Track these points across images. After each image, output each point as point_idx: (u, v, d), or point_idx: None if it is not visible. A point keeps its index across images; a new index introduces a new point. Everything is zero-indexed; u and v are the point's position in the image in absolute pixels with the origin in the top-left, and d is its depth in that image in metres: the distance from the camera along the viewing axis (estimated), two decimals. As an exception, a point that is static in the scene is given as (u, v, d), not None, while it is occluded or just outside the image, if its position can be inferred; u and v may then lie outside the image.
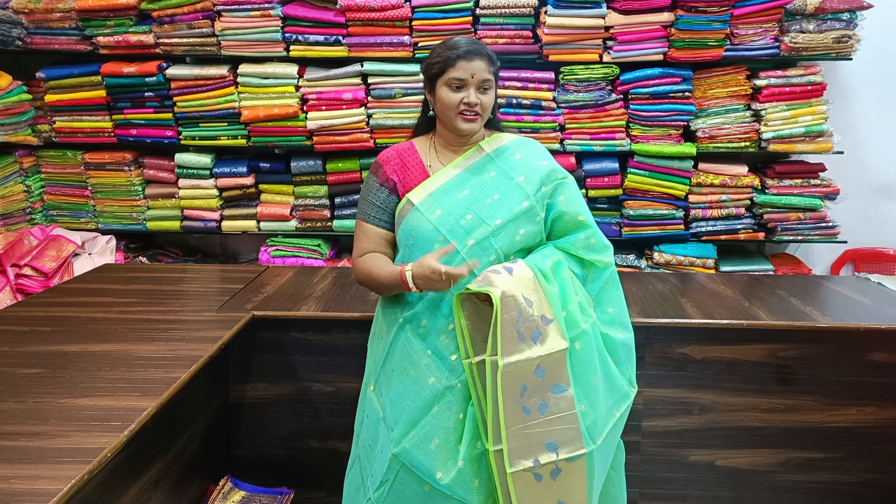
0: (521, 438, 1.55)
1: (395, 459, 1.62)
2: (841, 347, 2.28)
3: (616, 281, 1.75)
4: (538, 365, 1.54)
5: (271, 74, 3.40)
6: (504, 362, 1.52)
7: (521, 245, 1.65)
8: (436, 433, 1.60)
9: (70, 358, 1.84)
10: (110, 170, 3.60)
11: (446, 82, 1.63)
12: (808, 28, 3.25)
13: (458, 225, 1.63)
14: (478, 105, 1.63)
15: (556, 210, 1.68)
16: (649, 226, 3.50)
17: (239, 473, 2.44)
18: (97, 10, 3.37)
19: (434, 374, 1.62)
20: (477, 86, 1.62)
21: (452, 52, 1.61)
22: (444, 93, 1.63)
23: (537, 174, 1.68)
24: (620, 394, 1.69)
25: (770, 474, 2.37)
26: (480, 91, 1.63)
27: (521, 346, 1.53)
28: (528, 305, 1.54)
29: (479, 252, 1.62)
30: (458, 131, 1.67)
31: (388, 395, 1.69)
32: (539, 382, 1.55)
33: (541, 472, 1.56)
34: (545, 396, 1.55)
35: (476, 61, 1.61)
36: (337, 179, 3.54)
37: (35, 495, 1.23)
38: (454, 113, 1.63)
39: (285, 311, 2.27)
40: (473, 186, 1.67)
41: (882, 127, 3.73)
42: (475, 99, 1.62)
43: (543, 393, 1.55)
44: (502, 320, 1.52)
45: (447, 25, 3.33)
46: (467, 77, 1.61)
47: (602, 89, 3.38)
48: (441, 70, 1.63)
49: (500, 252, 1.63)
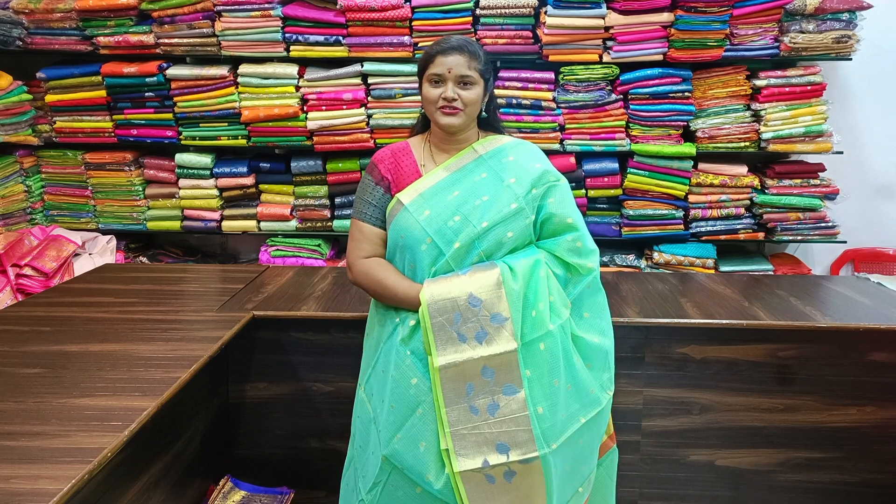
0: (469, 438, 1.55)
1: (387, 461, 1.62)
2: (841, 347, 2.28)
3: (598, 286, 1.72)
4: (484, 365, 1.55)
5: (271, 74, 3.40)
6: (440, 363, 1.55)
7: (510, 247, 1.64)
8: (422, 436, 1.59)
9: (70, 358, 1.84)
10: (111, 170, 3.60)
11: (427, 78, 1.66)
12: (807, 28, 3.25)
13: (446, 226, 1.62)
14: (456, 100, 1.63)
15: (546, 211, 1.66)
16: (649, 226, 3.50)
17: (239, 473, 2.44)
18: (97, 10, 3.37)
19: (416, 376, 1.61)
20: (455, 81, 1.63)
21: (433, 49, 1.65)
22: (425, 89, 1.67)
23: (528, 176, 1.67)
24: (588, 399, 1.64)
25: (770, 474, 2.37)
26: (460, 86, 1.63)
27: (461, 347, 1.55)
28: (474, 305, 1.55)
29: (464, 254, 1.61)
30: (440, 126, 1.68)
31: (378, 395, 1.69)
32: (487, 383, 1.56)
33: (492, 473, 1.55)
34: (495, 397, 1.55)
35: (453, 56, 1.62)
36: (337, 179, 3.55)
37: (35, 495, 1.23)
38: (434, 108, 1.66)
39: (285, 311, 2.27)
40: (464, 188, 1.66)
41: (882, 127, 3.73)
42: (452, 94, 1.62)
43: (493, 394, 1.55)
44: (433, 324, 1.56)
45: (447, 26, 3.33)
46: (444, 72, 1.63)
47: (602, 89, 3.38)
48: (423, 67, 1.67)
49: (482, 255, 1.62)
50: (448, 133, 1.70)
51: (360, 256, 1.72)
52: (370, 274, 1.69)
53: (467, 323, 1.55)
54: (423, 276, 1.63)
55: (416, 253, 1.63)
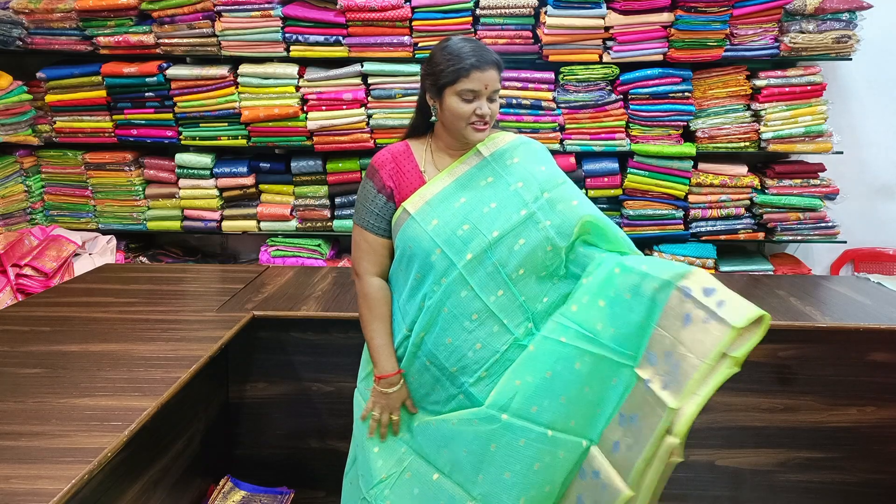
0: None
1: (408, 451, 1.67)
2: (841, 347, 2.28)
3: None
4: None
5: (271, 75, 3.40)
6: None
7: (524, 254, 1.59)
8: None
9: (70, 358, 1.84)
10: (111, 170, 3.61)
11: (457, 92, 1.55)
12: (807, 28, 3.25)
13: (455, 235, 1.58)
14: (488, 115, 1.58)
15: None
16: (649, 226, 3.50)
17: (239, 473, 2.44)
18: (97, 10, 3.37)
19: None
20: (489, 96, 1.58)
21: (466, 62, 1.53)
22: (455, 103, 1.56)
23: (536, 180, 1.64)
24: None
25: (770, 474, 2.37)
26: (490, 100, 1.59)
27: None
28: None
29: (478, 265, 1.57)
30: (469, 141, 1.63)
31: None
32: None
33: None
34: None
35: (490, 71, 1.55)
36: (337, 179, 3.55)
37: (35, 495, 1.23)
38: (465, 123, 1.58)
39: (285, 311, 2.27)
40: (470, 194, 1.62)
41: (882, 127, 3.73)
42: (487, 110, 1.57)
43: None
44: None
45: (447, 26, 3.33)
46: (481, 88, 1.55)
47: (602, 89, 3.38)
48: (453, 79, 1.55)
49: (497, 265, 1.58)
50: (468, 144, 1.66)
51: (368, 272, 1.69)
52: (363, 300, 1.69)
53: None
54: (431, 286, 1.59)
55: (425, 263, 1.59)
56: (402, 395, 1.67)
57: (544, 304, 1.62)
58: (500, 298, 1.58)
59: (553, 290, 1.63)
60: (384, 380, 1.66)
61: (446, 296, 1.57)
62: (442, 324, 1.59)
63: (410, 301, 1.63)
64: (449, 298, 1.57)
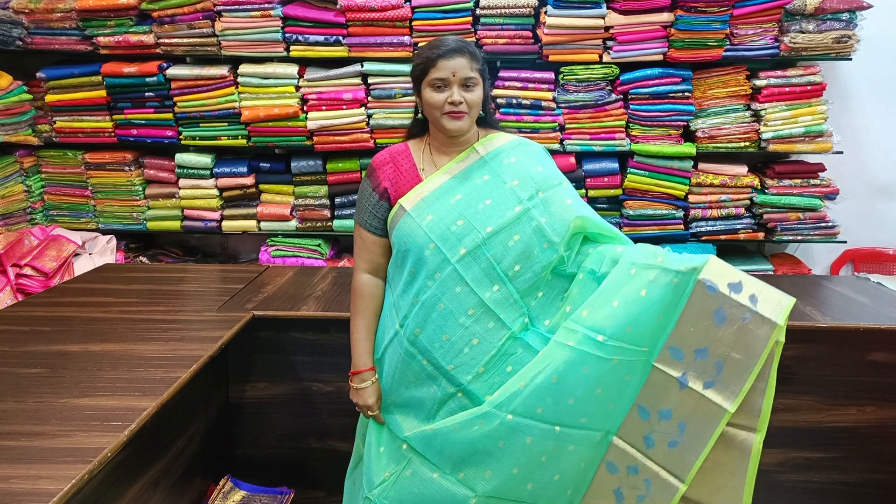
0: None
1: (409, 448, 1.66)
2: (841, 347, 2.28)
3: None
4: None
5: (271, 74, 3.40)
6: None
7: (519, 250, 1.60)
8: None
9: (70, 358, 1.84)
10: (111, 170, 3.61)
11: (429, 83, 1.60)
12: (807, 28, 3.25)
13: (449, 231, 1.60)
14: (462, 103, 1.59)
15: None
16: (649, 226, 3.50)
17: (239, 473, 2.44)
18: (97, 10, 3.37)
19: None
20: (460, 84, 1.59)
21: (433, 52, 1.59)
22: (428, 94, 1.61)
23: (532, 179, 1.65)
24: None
25: (770, 474, 2.37)
26: (464, 89, 1.60)
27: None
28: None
29: (472, 260, 1.59)
30: (446, 131, 1.64)
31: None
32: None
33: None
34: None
35: (456, 59, 1.58)
36: (337, 179, 3.55)
37: (35, 495, 1.23)
38: (440, 113, 1.61)
39: (285, 311, 2.27)
40: (466, 191, 1.64)
41: (882, 127, 3.73)
42: (458, 97, 1.59)
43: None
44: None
45: (447, 26, 3.33)
46: (449, 76, 1.58)
47: (602, 89, 3.38)
48: (423, 71, 1.61)
49: (491, 261, 1.59)
50: (452, 137, 1.67)
51: (360, 268, 1.74)
52: (354, 296, 1.74)
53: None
54: (425, 282, 1.60)
55: (418, 258, 1.61)
56: (374, 391, 1.70)
57: (539, 300, 1.63)
58: (496, 294, 1.59)
59: (549, 287, 1.64)
60: (357, 375, 1.70)
61: (442, 292, 1.59)
62: (438, 320, 1.60)
63: (403, 296, 1.65)
64: (445, 294, 1.59)
